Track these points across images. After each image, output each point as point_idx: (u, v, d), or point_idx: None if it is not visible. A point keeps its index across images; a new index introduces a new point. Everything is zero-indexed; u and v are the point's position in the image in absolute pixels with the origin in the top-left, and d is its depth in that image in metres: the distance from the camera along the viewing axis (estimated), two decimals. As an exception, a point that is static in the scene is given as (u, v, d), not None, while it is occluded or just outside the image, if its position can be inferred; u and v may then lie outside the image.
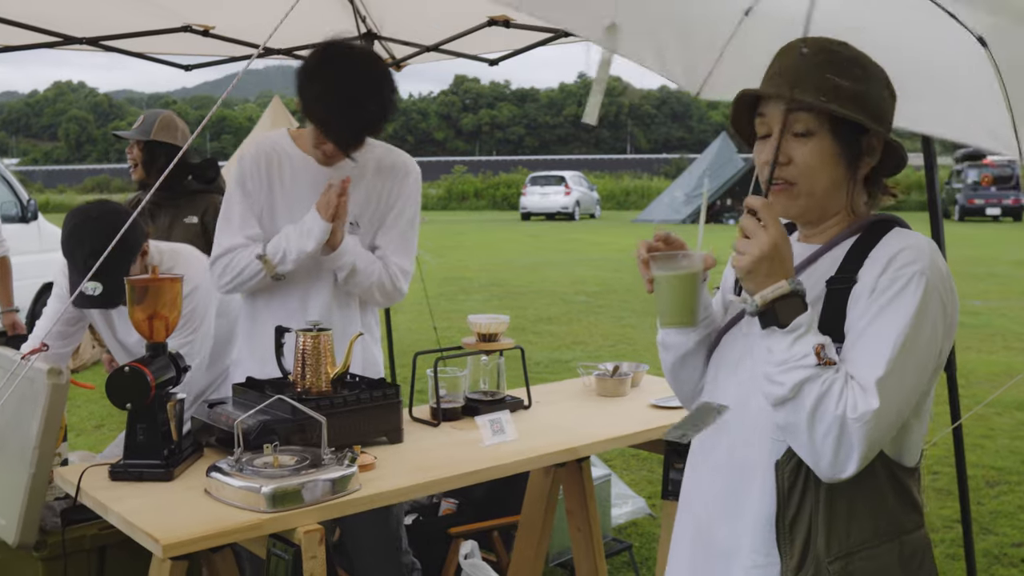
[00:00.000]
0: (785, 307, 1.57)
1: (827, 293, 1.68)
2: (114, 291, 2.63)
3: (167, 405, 2.36)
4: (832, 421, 1.53)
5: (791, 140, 1.70)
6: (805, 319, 1.57)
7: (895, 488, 1.67)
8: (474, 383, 2.98)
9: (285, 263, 2.77)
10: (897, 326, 1.57)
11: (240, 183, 2.89)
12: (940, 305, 1.61)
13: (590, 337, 10.01)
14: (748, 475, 1.72)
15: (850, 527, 1.64)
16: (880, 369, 1.55)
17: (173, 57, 4.89)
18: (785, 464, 1.65)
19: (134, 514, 2.07)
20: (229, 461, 2.20)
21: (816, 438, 1.56)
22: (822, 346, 1.55)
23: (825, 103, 1.65)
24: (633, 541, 4.47)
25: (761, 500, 1.69)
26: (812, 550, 1.63)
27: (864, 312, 1.61)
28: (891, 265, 1.62)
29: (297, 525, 2.06)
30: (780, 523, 1.66)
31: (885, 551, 1.66)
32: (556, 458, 2.59)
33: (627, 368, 3.22)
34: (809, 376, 1.54)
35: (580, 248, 21.28)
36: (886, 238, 1.68)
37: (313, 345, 2.56)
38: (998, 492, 5.29)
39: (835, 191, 1.72)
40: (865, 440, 1.54)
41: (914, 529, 1.70)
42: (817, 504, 1.63)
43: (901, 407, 1.58)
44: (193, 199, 4.34)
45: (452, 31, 4.67)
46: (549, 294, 13.47)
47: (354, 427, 2.51)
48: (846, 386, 1.55)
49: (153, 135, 4.23)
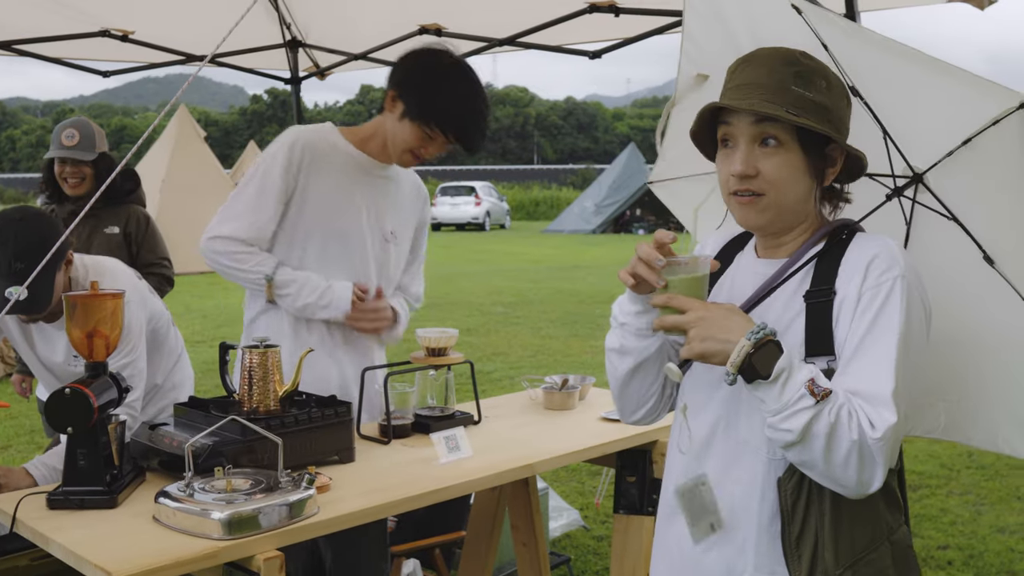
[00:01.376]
0: (760, 359, 1.55)
1: (807, 308, 1.66)
2: (40, 297, 2.48)
3: (108, 428, 2.24)
4: (849, 447, 1.52)
5: (758, 152, 1.68)
6: (784, 361, 1.55)
7: (884, 491, 1.67)
8: (422, 399, 2.91)
9: (289, 305, 2.85)
10: (893, 336, 1.58)
11: (286, 166, 2.82)
12: (920, 303, 1.64)
13: (510, 348, 9.98)
14: (744, 498, 1.70)
15: (854, 535, 1.64)
16: (891, 382, 1.55)
17: (90, 63, 4.71)
18: (787, 481, 1.63)
19: (79, 545, 1.94)
20: (179, 486, 2.09)
21: (835, 468, 1.54)
22: (812, 380, 1.54)
23: (794, 116, 1.63)
24: (570, 554, 4.43)
25: (760, 520, 1.67)
26: (820, 563, 1.62)
27: (855, 325, 1.61)
28: (870, 273, 1.62)
29: (255, 552, 1.96)
30: (786, 540, 1.64)
31: (882, 554, 1.67)
32: (512, 475, 2.54)
33: (575, 381, 3.18)
34: (812, 416, 1.52)
35: (493, 259, 21.28)
36: (853, 245, 1.69)
37: (260, 362, 2.46)
38: (920, 496, 5.41)
39: (802, 202, 1.71)
40: (886, 454, 1.54)
41: (898, 527, 1.72)
42: (823, 517, 1.63)
43: (907, 411, 1.60)
44: (114, 210, 4.20)
45: (381, 39, 4.59)
46: (466, 305, 13.40)
47: (306, 447, 2.41)
48: (854, 408, 1.54)
49: (97, 149, 4.14)
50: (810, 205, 1.73)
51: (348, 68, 5.02)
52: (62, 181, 4.16)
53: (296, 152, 2.82)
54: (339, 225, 2.87)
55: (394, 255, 3.01)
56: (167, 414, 2.71)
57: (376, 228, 2.93)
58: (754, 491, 1.68)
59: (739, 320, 1.60)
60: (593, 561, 4.50)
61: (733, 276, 1.83)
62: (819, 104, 1.65)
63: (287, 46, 4.85)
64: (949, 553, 4.58)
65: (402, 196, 3.02)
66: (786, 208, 1.70)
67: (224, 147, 57.10)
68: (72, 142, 4.10)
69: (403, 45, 4.54)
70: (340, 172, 2.86)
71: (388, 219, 2.96)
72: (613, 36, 4.14)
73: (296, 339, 2.85)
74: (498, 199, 35.53)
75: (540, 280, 16.58)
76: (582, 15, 3.89)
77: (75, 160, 4.12)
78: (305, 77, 5.15)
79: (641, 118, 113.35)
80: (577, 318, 12.02)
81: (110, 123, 78.63)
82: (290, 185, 2.82)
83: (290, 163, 2.81)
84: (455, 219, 33.03)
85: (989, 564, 4.44)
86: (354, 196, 2.88)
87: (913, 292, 1.62)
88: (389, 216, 2.96)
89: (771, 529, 1.66)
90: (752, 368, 1.55)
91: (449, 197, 33.45)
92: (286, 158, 2.81)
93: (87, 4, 4.00)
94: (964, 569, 4.39)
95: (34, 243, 2.44)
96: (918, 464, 5.92)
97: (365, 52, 4.77)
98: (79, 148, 4.11)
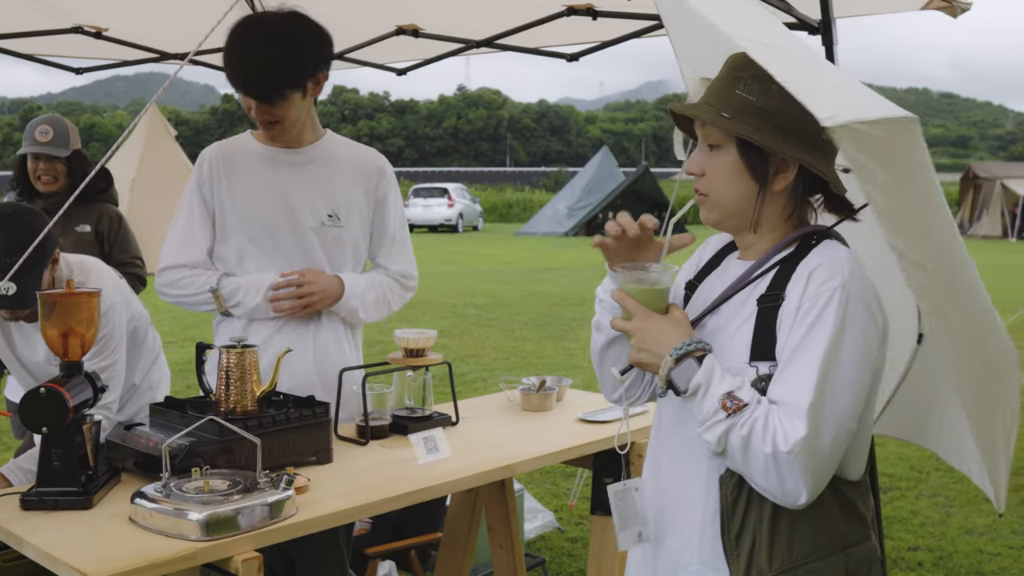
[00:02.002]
0: (678, 375, 1.64)
1: (758, 312, 1.68)
2: (27, 293, 2.45)
3: (83, 428, 2.21)
4: (765, 460, 1.56)
5: (706, 153, 1.73)
6: (702, 376, 1.61)
7: (839, 502, 1.68)
8: (399, 399, 2.90)
9: (243, 313, 2.84)
10: (820, 348, 1.58)
11: (198, 187, 2.86)
12: (867, 314, 1.61)
13: (483, 350, 9.97)
14: (692, 490, 1.74)
15: (792, 541, 1.65)
16: (809, 395, 1.57)
17: (63, 59, 4.66)
18: (728, 480, 1.67)
19: (54, 546, 1.92)
20: (156, 486, 2.07)
21: (757, 478, 1.59)
22: (729, 394, 1.59)
23: (728, 119, 1.66)
24: (544, 555, 4.43)
25: (705, 514, 1.72)
26: (756, 564, 1.65)
27: (792, 333, 1.62)
28: (811, 282, 1.63)
29: (233, 553, 1.95)
30: (726, 537, 1.68)
31: (830, 564, 1.66)
32: (491, 476, 2.53)
33: (552, 382, 3.19)
34: (725, 428, 1.58)
35: (466, 260, 21.25)
36: (814, 251, 1.69)
37: (237, 362, 2.44)
38: (891, 498, 5.45)
39: (744, 204, 1.72)
40: (803, 469, 1.55)
41: (861, 541, 1.71)
42: (761, 519, 1.65)
43: (841, 426, 1.59)
44: (86, 208, 4.16)
45: (359, 39, 4.57)
46: (439, 306, 13.38)
47: (283, 447, 2.40)
48: (770, 420, 1.57)
49: (71, 146, 4.10)
50: (752, 209, 1.72)
51: (324, 68, 5.00)
52: (35, 179, 4.11)
53: (204, 169, 2.87)
54: (266, 222, 2.85)
55: (342, 237, 2.90)
56: (144, 415, 2.69)
57: (309, 215, 2.85)
58: (699, 486, 1.73)
59: (675, 334, 1.67)
60: (568, 563, 4.50)
61: (717, 277, 1.84)
62: (762, 108, 1.65)
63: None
64: (919, 555, 4.62)
65: (337, 176, 2.91)
66: (728, 209, 1.74)
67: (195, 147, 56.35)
68: (46, 138, 4.07)
69: (381, 46, 4.53)
70: (255, 171, 2.85)
71: (321, 203, 2.87)
72: (590, 39, 4.14)
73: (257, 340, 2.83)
74: (471, 201, 35.51)
75: (513, 282, 16.57)
76: (560, 17, 3.89)
77: (49, 157, 4.08)
78: (281, 76, 5.12)
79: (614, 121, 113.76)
80: (550, 320, 12.03)
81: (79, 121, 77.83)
82: (208, 201, 2.86)
83: (200, 181, 2.87)
84: (428, 221, 32.97)
85: (958, 565, 4.48)
86: (275, 190, 2.85)
87: (855, 304, 1.60)
88: (322, 199, 2.87)
89: (714, 525, 1.70)
90: (673, 384, 1.65)
91: (422, 199, 33.38)
92: (196, 178, 2.88)
93: (60, 0, 3.95)
94: (934, 570, 4.43)
95: (24, 238, 2.41)
96: (888, 466, 5.97)
97: (341, 52, 4.74)
98: (53, 144, 4.07)
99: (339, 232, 2.89)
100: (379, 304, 2.96)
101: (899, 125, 1.42)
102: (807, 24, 3.38)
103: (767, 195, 1.71)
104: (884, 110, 1.43)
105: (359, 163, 2.96)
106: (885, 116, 1.41)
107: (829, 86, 1.52)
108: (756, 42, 1.55)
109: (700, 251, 1.95)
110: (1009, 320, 9.98)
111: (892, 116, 1.41)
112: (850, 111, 1.40)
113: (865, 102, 1.47)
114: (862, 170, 1.47)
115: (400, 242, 3.04)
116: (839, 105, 1.42)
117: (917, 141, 1.47)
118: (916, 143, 1.47)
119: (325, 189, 2.88)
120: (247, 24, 2.75)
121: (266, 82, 2.70)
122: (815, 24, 3.37)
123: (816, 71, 1.56)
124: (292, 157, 2.89)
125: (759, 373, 1.64)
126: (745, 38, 1.56)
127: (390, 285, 3.00)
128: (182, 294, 2.85)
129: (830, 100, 1.44)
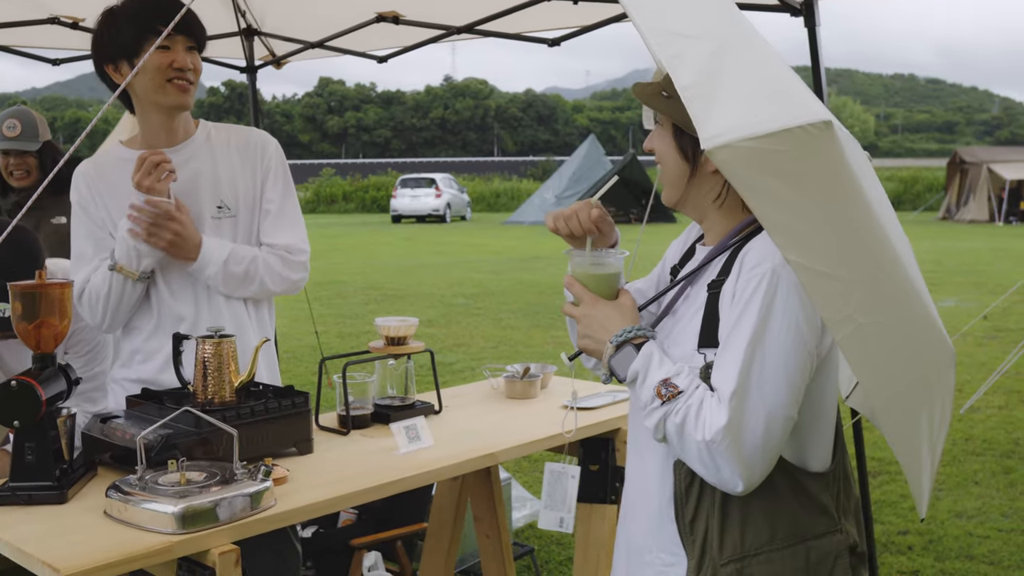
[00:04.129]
0: (617, 362, 1.67)
1: (707, 298, 1.68)
2: None
3: (57, 421, 2.18)
4: (698, 447, 1.56)
5: (656, 132, 1.77)
6: (639, 364, 1.63)
7: (796, 493, 1.66)
8: (382, 389, 2.87)
9: (142, 259, 2.59)
10: (746, 334, 1.57)
11: (82, 207, 2.70)
12: (799, 299, 1.57)
13: (471, 339, 9.95)
14: (650, 476, 1.75)
15: (745, 530, 1.63)
16: (732, 383, 1.56)
17: (39, 51, 4.60)
18: (682, 465, 1.66)
19: (27, 542, 1.88)
20: (131, 479, 2.04)
21: (695, 465, 1.60)
22: (664, 381, 1.60)
23: (666, 99, 1.67)
24: (533, 544, 4.42)
25: (661, 499, 1.72)
26: (709, 551, 1.64)
27: (726, 319, 1.62)
28: (744, 268, 1.62)
29: (210, 546, 1.91)
30: (680, 523, 1.68)
31: (787, 556, 1.64)
32: (474, 464, 2.50)
33: (536, 370, 3.16)
34: (661, 416, 1.60)
35: (454, 250, 21.22)
36: (753, 238, 1.67)
37: (215, 352, 2.40)
38: (880, 482, 5.45)
39: (680, 180, 1.74)
40: (732, 456, 1.54)
41: (824, 534, 1.68)
42: (713, 506, 1.64)
43: (772, 414, 1.56)
44: (61, 199, 4.09)
45: (338, 27, 4.53)
46: (427, 297, 13.35)
47: (263, 438, 2.36)
48: (703, 407, 1.57)
49: (41, 139, 4.05)
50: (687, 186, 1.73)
51: (305, 57, 4.95)
52: (7, 175, 4.06)
53: (80, 190, 2.70)
54: None
55: (237, 225, 2.73)
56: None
57: (197, 212, 2.67)
58: (656, 472, 1.73)
59: (619, 321, 1.69)
60: (557, 551, 4.49)
61: (691, 263, 1.84)
62: None
63: (242, 34, 4.77)
64: (909, 538, 4.62)
65: (219, 164, 2.73)
66: (673, 184, 1.76)
67: (181, 140, 56.14)
68: (14, 133, 4.01)
69: (361, 33, 4.49)
70: (128, 181, 2.62)
71: (206, 197, 2.70)
72: (572, 24, 4.11)
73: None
74: (459, 191, 35.47)
75: (501, 271, 16.55)
76: (541, 3, 3.85)
77: (19, 151, 4.02)
78: (261, 66, 5.07)
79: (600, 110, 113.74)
80: (538, 309, 12.01)
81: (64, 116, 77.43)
82: (95, 217, 2.69)
83: (82, 202, 2.70)
84: (415, 211, 32.93)
85: (948, 548, 4.48)
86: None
87: (784, 288, 1.57)
88: (207, 193, 2.69)
89: (670, 511, 1.70)
90: (613, 370, 1.67)
91: (409, 189, 33.34)
92: (75, 200, 2.71)
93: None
94: (924, 554, 4.43)
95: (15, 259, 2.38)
96: (878, 451, 5.96)
97: (322, 40, 4.70)
98: (22, 139, 4.01)
99: (233, 221, 2.72)
100: (247, 280, 2.68)
101: (803, 135, 1.35)
102: (789, 6, 3.35)
103: (697, 176, 1.72)
104: (787, 120, 1.36)
105: (240, 146, 2.77)
106: (782, 128, 1.34)
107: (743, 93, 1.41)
108: (676, 34, 1.47)
109: (686, 234, 1.94)
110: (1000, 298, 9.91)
111: (791, 126, 1.35)
112: (742, 128, 1.34)
113: (777, 111, 1.38)
114: (749, 189, 1.40)
115: (283, 215, 2.78)
116: (736, 120, 1.35)
117: (827, 146, 1.39)
118: (826, 149, 1.39)
119: (208, 181, 2.70)
120: None
121: (196, 18, 2.57)
122: (797, 6, 3.34)
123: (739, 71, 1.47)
124: (173, 159, 2.66)
125: (707, 360, 1.63)
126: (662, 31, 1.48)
127: (268, 261, 2.72)
128: (101, 301, 2.63)
129: (730, 113, 1.37)
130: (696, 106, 1.37)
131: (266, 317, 2.83)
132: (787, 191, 1.41)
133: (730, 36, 1.52)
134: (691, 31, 1.48)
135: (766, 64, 1.52)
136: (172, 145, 2.70)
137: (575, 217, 1.81)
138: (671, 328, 1.76)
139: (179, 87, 2.61)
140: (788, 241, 1.43)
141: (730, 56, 1.46)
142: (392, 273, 16.53)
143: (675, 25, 1.48)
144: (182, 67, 2.59)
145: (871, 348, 1.53)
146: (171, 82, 2.59)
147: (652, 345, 1.66)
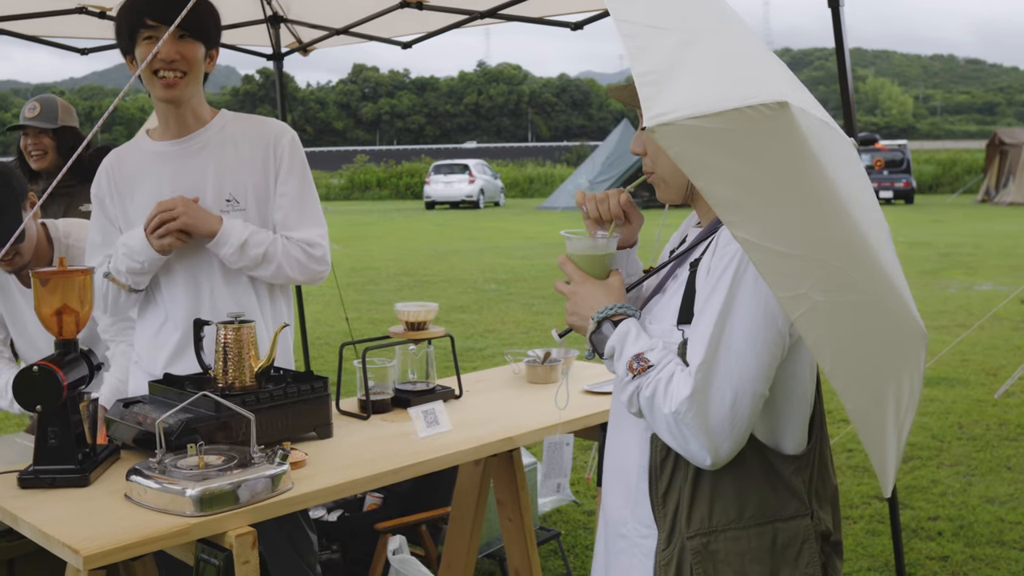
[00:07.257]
0: (596, 339, 1.72)
1: (688, 276, 1.71)
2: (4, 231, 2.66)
3: (80, 406, 2.21)
4: (666, 420, 1.59)
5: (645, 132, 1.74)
6: (616, 340, 1.68)
7: (767, 474, 1.67)
8: (402, 373, 2.88)
9: (127, 278, 2.67)
10: (715, 309, 1.60)
11: (99, 200, 2.78)
12: None
13: (502, 325, 9.96)
14: (629, 449, 1.79)
15: (713, 506, 1.66)
16: (699, 356, 1.58)
17: (68, 40, 4.66)
18: (657, 439, 1.69)
19: (49, 524, 1.92)
20: (151, 463, 2.07)
21: (666, 438, 1.63)
22: (637, 356, 1.64)
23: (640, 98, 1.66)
24: (560, 529, 4.42)
25: (639, 472, 1.75)
26: (678, 525, 1.67)
27: (699, 296, 1.65)
28: (718, 245, 1.65)
29: (227, 529, 1.94)
30: (653, 495, 1.71)
31: (753, 534, 1.66)
32: (493, 448, 2.51)
33: (557, 354, 3.16)
34: (633, 390, 1.64)
35: (487, 236, 21.23)
36: None
37: (235, 338, 2.42)
38: (911, 467, 5.40)
39: (676, 176, 1.76)
40: (698, 428, 1.57)
41: (793, 517, 1.68)
42: (685, 480, 1.67)
43: (740, 387, 1.57)
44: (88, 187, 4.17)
45: (363, 13, 4.54)
46: (459, 283, 13.38)
47: (282, 423, 2.39)
48: (673, 380, 1.59)
49: (60, 121, 4.14)
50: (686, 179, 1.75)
51: (331, 43, 4.97)
52: (28, 155, 4.17)
53: (100, 183, 2.76)
54: None
55: (244, 220, 2.70)
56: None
57: (203, 205, 2.67)
58: (635, 445, 1.76)
59: (604, 299, 1.74)
60: (583, 536, 4.49)
61: (682, 246, 1.88)
62: None
63: (268, 21, 4.80)
64: (939, 524, 4.57)
65: (231, 158, 2.72)
66: (669, 182, 1.78)
67: (217, 128, 56.61)
68: (33, 113, 4.14)
69: (386, 19, 4.50)
70: (148, 171, 2.70)
71: (217, 191, 2.69)
72: (596, 7, 4.09)
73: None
74: (492, 177, 35.44)
75: (533, 257, 16.54)
76: (563, -15, 3.85)
77: (37, 130, 4.13)
78: (287, 53, 5.11)
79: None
80: (570, 294, 11.98)
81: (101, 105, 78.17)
82: (109, 213, 2.76)
83: (99, 195, 2.77)
84: (449, 197, 32.95)
85: (979, 534, 4.43)
86: (168, 185, 2.69)
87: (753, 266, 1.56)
88: (217, 187, 2.69)
89: (645, 483, 1.73)
90: (594, 345, 1.73)
91: (443, 175, 33.36)
92: (94, 192, 2.78)
93: (62, -20, 3.95)
94: (954, 539, 4.39)
95: None
96: (909, 436, 5.90)
97: (347, 27, 4.72)
98: (40, 118, 4.14)
99: (242, 215, 2.70)
100: (265, 262, 2.67)
101: (753, 114, 1.33)
102: (814, -14, 3.31)
103: None
104: (738, 100, 1.34)
105: (255, 138, 2.76)
106: (731, 108, 1.32)
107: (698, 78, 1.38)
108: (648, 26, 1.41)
109: (687, 222, 1.95)
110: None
111: (741, 106, 1.33)
112: (686, 107, 1.32)
113: (730, 92, 1.36)
114: (694, 167, 1.37)
115: (297, 209, 2.76)
116: (682, 100, 1.33)
117: (783, 126, 1.37)
118: (782, 129, 1.37)
119: (218, 175, 2.70)
120: None
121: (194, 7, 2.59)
122: (822, -14, 3.31)
123: (700, 60, 1.44)
124: (182, 150, 2.71)
125: (684, 336, 1.66)
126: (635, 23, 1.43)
127: (289, 249, 2.71)
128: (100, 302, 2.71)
129: (683, 92, 1.34)
130: (646, 91, 1.34)
131: (282, 306, 2.84)
132: (739, 169, 1.39)
133: (703, 28, 1.50)
134: (665, 23, 1.45)
135: (736, 53, 1.51)
136: (183, 135, 2.73)
137: (607, 201, 1.87)
138: (656, 305, 1.79)
139: (164, 81, 2.60)
140: (738, 219, 1.41)
141: (698, 47, 1.44)
142: (425, 259, 16.57)
143: (650, 18, 1.46)
144: (165, 57, 2.57)
145: (830, 328, 1.51)
146: (156, 74, 2.60)
147: (631, 322, 1.70)
